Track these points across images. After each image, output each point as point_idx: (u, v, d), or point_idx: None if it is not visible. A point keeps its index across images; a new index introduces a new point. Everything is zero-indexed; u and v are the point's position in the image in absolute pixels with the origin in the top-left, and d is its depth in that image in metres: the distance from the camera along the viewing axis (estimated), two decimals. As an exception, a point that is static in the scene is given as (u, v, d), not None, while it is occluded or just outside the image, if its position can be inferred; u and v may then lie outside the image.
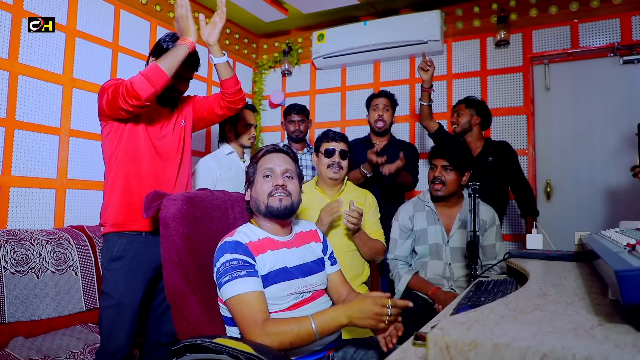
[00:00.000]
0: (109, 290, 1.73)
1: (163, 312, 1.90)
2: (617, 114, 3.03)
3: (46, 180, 2.44)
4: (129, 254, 1.76)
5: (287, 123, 3.05)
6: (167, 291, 1.46)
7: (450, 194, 2.08)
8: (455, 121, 2.68)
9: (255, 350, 1.15)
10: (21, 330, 1.99)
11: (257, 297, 1.27)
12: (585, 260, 1.43)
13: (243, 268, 1.30)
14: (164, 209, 1.46)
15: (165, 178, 1.88)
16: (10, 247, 2.04)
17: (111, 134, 1.81)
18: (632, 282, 0.57)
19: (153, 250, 1.78)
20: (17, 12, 2.34)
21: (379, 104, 2.79)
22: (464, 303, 1.14)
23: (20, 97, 2.35)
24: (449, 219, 2.13)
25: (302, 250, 1.49)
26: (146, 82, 1.64)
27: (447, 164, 2.05)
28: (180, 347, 1.31)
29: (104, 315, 1.72)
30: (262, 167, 1.47)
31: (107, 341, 1.72)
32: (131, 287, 1.75)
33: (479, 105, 2.69)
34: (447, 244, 2.09)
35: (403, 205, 2.25)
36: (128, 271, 1.75)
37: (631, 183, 2.89)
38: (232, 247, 1.34)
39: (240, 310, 1.25)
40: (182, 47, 1.74)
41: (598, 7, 2.99)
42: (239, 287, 1.26)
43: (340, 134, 2.22)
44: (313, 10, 3.55)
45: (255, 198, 1.45)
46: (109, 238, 1.79)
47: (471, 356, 0.56)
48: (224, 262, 1.32)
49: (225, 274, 1.29)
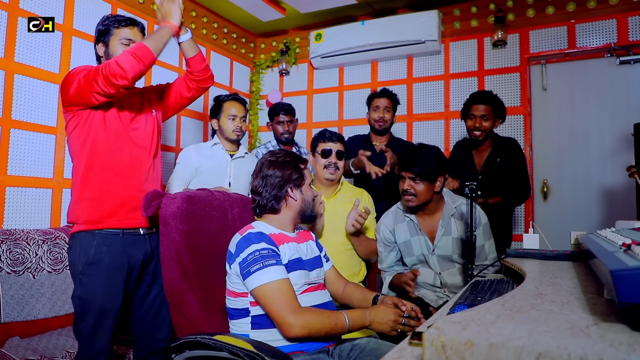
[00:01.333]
0: (88, 296, 1.62)
1: (153, 318, 1.81)
2: (613, 114, 3.04)
3: (42, 179, 2.43)
4: (106, 257, 1.65)
5: (275, 124, 2.92)
6: (166, 289, 1.46)
7: (423, 203, 1.97)
8: (480, 126, 2.47)
9: (255, 348, 1.16)
10: (17, 330, 1.98)
11: (289, 284, 1.35)
12: (582, 260, 1.43)
13: (272, 257, 1.36)
14: (164, 207, 1.47)
15: (140, 171, 1.78)
16: (6, 246, 2.03)
17: (79, 126, 1.69)
18: (627, 282, 0.57)
19: (131, 250, 1.72)
20: (13, 11, 2.33)
21: (379, 105, 2.75)
22: (461, 302, 1.14)
23: (16, 96, 2.34)
24: (432, 227, 2.03)
25: (306, 246, 1.59)
26: (133, 59, 1.56)
27: (413, 175, 1.92)
28: (179, 344, 1.32)
29: (84, 320, 1.62)
30: (310, 177, 1.61)
31: (89, 345, 1.63)
32: (111, 291, 1.65)
33: (502, 105, 2.54)
34: (432, 252, 2.01)
35: (383, 217, 2.14)
36: (107, 275, 1.65)
37: (627, 183, 2.90)
38: (258, 237, 1.40)
39: (275, 296, 1.31)
40: (166, 29, 1.69)
41: (595, 7, 3.00)
42: (272, 274, 1.33)
43: (337, 134, 2.22)
44: (311, 10, 3.55)
45: (308, 202, 1.58)
46: (82, 238, 1.66)
47: (467, 355, 0.56)
48: (252, 251, 1.36)
49: (255, 262, 1.34)
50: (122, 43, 1.76)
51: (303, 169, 1.58)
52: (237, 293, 1.42)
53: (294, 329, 1.29)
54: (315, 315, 1.34)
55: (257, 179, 1.55)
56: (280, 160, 1.55)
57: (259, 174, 1.55)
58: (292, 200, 1.53)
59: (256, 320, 1.40)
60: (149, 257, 1.79)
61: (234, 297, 1.43)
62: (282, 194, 1.52)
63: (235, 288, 1.43)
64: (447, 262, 2.02)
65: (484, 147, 2.59)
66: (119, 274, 1.68)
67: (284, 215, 1.54)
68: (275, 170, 1.52)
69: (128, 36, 1.77)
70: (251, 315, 1.40)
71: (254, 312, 1.40)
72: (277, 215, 1.54)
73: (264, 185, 1.52)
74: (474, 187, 1.72)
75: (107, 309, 1.64)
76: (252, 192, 1.58)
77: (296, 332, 1.30)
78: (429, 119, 3.49)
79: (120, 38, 1.76)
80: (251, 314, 1.40)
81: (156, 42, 1.65)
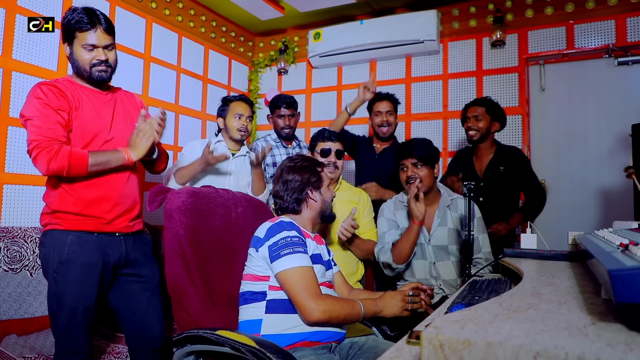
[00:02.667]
0: (62, 294, 1.61)
1: (143, 318, 1.80)
2: (611, 115, 3.05)
3: (40, 177, 2.42)
4: (80, 256, 1.64)
5: (276, 118, 2.78)
6: (169, 283, 1.47)
7: (427, 189, 2.02)
8: (474, 126, 2.50)
9: (257, 344, 1.17)
10: (14, 328, 1.98)
11: (313, 272, 1.43)
12: (579, 260, 1.44)
13: (301, 245, 1.44)
14: (169, 202, 1.48)
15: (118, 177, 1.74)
16: (4, 244, 2.02)
17: None
18: (624, 282, 0.57)
19: (106, 250, 1.70)
20: (11, 8, 2.32)
21: (381, 109, 2.68)
22: (458, 302, 1.15)
23: (14, 93, 2.34)
24: (429, 217, 2.07)
25: (322, 248, 1.65)
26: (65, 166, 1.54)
27: (416, 160, 2.00)
28: (181, 338, 1.33)
29: (59, 318, 1.61)
30: (327, 179, 1.70)
31: (66, 343, 1.63)
32: (85, 290, 1.64)
33: (499, 109, 2.54)
34: (429, 242, 2.06)
35: (385, 203, 2.21)
36: (80, 274, 1.63)
37: (625, 184, 2.91)
38: (290, 225, 1.48)
39: (301, 280, 1.37)
40: (119, 159, 1.64)
41: (593, 8, 3.01)
42: (300, 260, 1.40)
43: (336, 133, 2.23)
44: (309, 9, 3.55)
45: (327, 203, 1.67)
46: (56, 235, 1.64)
47: (465, 354, 0.56)
48: (284, 236, 1.43)
49: (287, 247, 1.41)
50: (85, 49, 1.65)
51: (320, 172, 1.67)
52: (259, 277, 1.46)
53: (315, 313, 1.35)
54: (335, 301, 1.42)
55: (279, 184, 1.64)
56: (299, 165, 1.64)
57: (279, 179, 1.64)
58: (312, 201, 1.62)
59: (271, 305, 1.43)
60: (124, 259, 1.75)
61: (254, 281, 1.47)
62: (303, 196, 1.60)
63: (257, 271, 1.47)
64: (442, 253, 2.05)
65: (485, 153, 2.57)
66: (93, 273, 1.66)
67: (305, 216, 1.63)
68: (295, 175, 1.61)
69: (92, 41, 1.65)
70: (267, 299, 1.44)
71: (270, 296, 1.43)
72: (297, 216, 1.62)
73: (285, 189, 1.61)
74: (472, 187, 1.73)
75: (80, 307, 1.63)
76: (274, 196, 1.66)
77: (317, 316, 1.35)
78: (427, 118, 3.49)
79: (82, 43, 1.65)
80: (267, 298, 1.44)
81: (98, 165, 1.61)
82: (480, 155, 2.59)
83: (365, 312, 1.45)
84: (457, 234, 2.05)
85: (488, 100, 2.57)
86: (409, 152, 2.02)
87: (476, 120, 2.51)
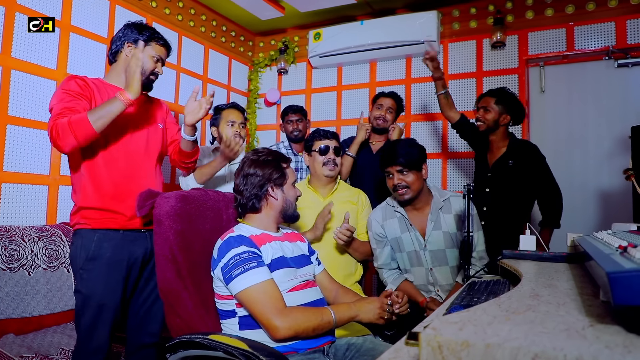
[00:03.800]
0: (87, 291, 1.65)
1: (146, 312, 1.84)
2: (611, 117, 3.05)
3: (38, 176, 2.42)
4: (106, 253, 1.68)
5: (285, 124, 3.06)
6: (160, 288, 1.46)
7: (417, 193, 1.99)
8: (481, 118, 2.44)
9: (250, 347, 1.16)
10: (12, 327, 1.97)
11: (273, 285, 1.35)
12: (578, 262, 1.44)
13: (253, 260, 1.36)
14: (158, 207, 1.46)
15: (142, 171, 1.82)
16: (2, 243, 2.02)
17: None
18: (623, 284, 0.57)
19: (131, 247, 1.75)
20: (10, 6, 2.32)
21: (384, 104, 2.76)
22: (457, 303, 1.14)
23: (13, 92, 2.33)
24: (422, 222, 2.04)
25: (293, 245, 1.59)
26: (70, 134, 1.55)
27: (401, 168, 1.95)
28: (174, 344, 1.31)
29: (83, 315, 1.65)
30: (292, 176, 1.59)
31: (87, 340, 1.65)
32: (110, 286, 1.68)
33: (511, 100, 2.45)
34: (425, 248, 2.02)
35: (372, 213, 2.15)
36: (106, 271, 1.67)
37: (624, 186, 2.91)
38: (238, 241, 1.40)
39: (259, 298, 1.31)
40: (117, 104, 1.60)
41: (593, 10, 3.01)
42: (253, 277, 1.33)
43: (331, 131, 2.24)
44: (310, 9, 3.55)
45: (289, 202, 1.56)
46: (83, 234, 1.70)
47: (463, 356, 0.56)
48: (232, 256, 1.36)
49: (236, 267, 1.34)
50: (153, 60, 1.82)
51: (285, 168, 1.57)
52: (223, 296, 1.42)
53: (280, 331, 1.29)
54: (300, 314, 1.34)
55: (239, 177, 1.54)
56: (262, 159, 1.54)
57: (240, 173, 1.55)
58: (272, 199, 1.53)
59: (243, 321, 1.40)
60: (149, 254, 1.80)
61: (220, 300, 1.44)
62: (263, 193, 1.51)
63: (220, 291, 1.43)
64: (438, 258, 2.02)
65: (497, 146, 2.49)
66: (119, 270, 1.71)
67: (266, 215, 1.54)
68: (257, 170, 1.52)
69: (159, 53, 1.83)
70: (238, 316, 1.41)
71: (240, 313, 1.40)
72: (258, 215, 1.54)
73: (245, 184, 1.52)
74: (471, 187, 1.72)
75: (106, 305, 1.66)
76: (234, 190, 1.58)
77: (283, 334, 1.29)
78: (427, 119, 3.49)
79: (152, 54, 1.81)
80: (238, 315, 1.41)
81: (102, 119, 1.59)
82: (492, 148, 2.52)
83: (337, 319, 1.39)
84: (452, 237, 2.01)
85: (501, 91, 2.48)
86: (392, 159, 1.96)
87: (484, 111, 2.44)
